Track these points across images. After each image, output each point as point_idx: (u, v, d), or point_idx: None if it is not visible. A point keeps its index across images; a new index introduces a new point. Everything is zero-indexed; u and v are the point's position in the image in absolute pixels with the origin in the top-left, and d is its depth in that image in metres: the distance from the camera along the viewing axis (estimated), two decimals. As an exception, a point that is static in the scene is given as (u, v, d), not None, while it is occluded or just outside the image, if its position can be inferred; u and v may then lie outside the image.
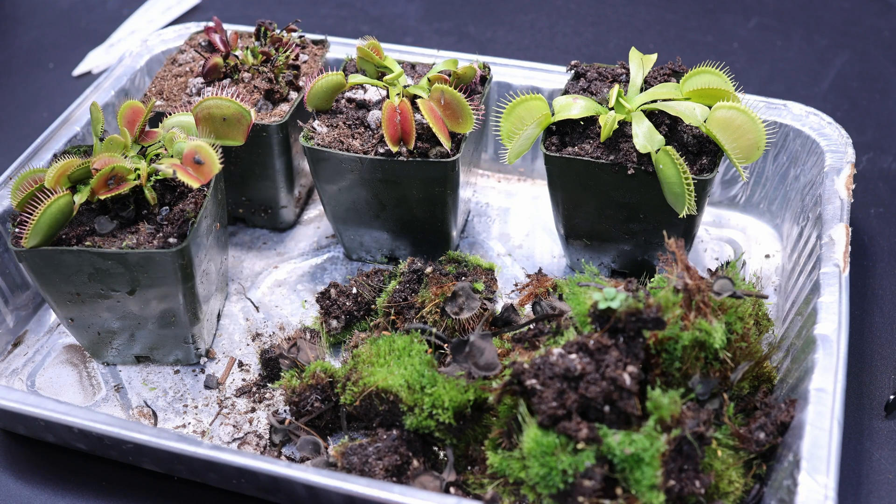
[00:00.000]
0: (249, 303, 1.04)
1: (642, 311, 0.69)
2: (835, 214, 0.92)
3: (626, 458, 0.66)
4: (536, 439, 0.67)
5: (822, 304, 0.82)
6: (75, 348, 0.99)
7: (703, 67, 0.91)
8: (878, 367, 0.94)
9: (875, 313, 0.99)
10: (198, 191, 0.90)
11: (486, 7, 1.55)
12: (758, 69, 1.38)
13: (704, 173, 0.89)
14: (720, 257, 1.06)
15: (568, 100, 0.92)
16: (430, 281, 0.91)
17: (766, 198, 1.10)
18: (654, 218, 0.92)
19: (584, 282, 0.84)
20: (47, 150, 1.05)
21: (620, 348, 0.69)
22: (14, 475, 0.87)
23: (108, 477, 0.86)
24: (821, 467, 0.69)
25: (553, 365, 0.68)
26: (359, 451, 0.77)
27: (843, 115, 1.26)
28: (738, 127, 0.87)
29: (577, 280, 0.85)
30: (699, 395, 0.74)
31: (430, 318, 0.89)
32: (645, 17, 1.51)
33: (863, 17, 1.47)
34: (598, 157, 0.90)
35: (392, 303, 0.92)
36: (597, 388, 0.67)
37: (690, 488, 0.68)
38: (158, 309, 0.89)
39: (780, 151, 1.07)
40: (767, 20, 1.48)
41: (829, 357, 0.77)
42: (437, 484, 0.75)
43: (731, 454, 0.74)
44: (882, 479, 0.84)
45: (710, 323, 0.73)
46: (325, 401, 0.85)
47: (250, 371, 0.95)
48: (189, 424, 0.90)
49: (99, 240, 0.85)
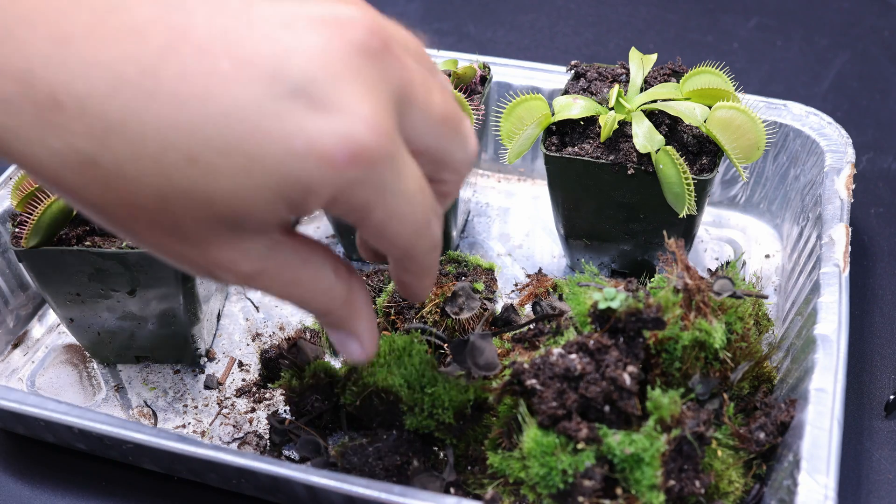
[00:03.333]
0: (249, 303, 1.04)
1: (642, 311, 0.69)
2: (835, 214, 0.91)
3: (626, 458, 0.66)
4: (536, 439, 0.67)
5: (822, 304, 0.82)
6: (75, 348, 0.99)
7: (703, 67, 0.91)
8: (879, 367, 0.94)
9: (875, 313, 0.99)
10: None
11: (486, 7, 1.55)
12: (758, 69, 1.38)
13: (704, 173, 0.89)
14: (720, 257, 1.06)
15: (568, 100, 0.92)
16: None
17: (766, 198, 1.10)
18: (654, 218, 0.92)
19: (585, 282, 0.84)
20: (47, 150, 1.05)
21: (620, 348, 0.69)
22: (14, 475, 0.87)
23: (108, 477, 0.86)
24: (821, 467, 0.69)
25: (553, 365, 0.68)
26: (359, 452, 0.77)
27: (843, 115, 1.26)
28: (738, 127, 0.87)
29: (577, 280, 0.85)
30: (699, 395, 0.74)
31: (430, 318, 0.89)
32: (645, 17, 1.51)
33: (863, 17, 1.47)
34: (598, 157, 0.90)
35: (392, 303, 0.92)
36: (597, 388, 0.67)
37: (690, 488, 0.68)
38: (158, 309, 0.89)
39: (780, 151, 1.07)
40: (767, 20, 1.48)
41: (829, 357, 0.77)
42: (437, 484, 0.75)
43: (731, 454, 0.74)
44: (882, 479, 0.84)
45: (710, 323, 0.73)
46: (325, 401, 0.85)
47: (250, 371, 0.95)
48: (189, 424, 0.90)
49: (99, 240, 0.85)
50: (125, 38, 0.46)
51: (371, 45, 0.51)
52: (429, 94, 0.55)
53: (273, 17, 0.49)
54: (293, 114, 0.48)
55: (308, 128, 0.48)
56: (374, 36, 0.51)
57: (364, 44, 0.51)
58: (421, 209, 0.55)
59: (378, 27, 0.52)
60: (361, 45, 0.50)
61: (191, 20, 0.47)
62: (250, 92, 0.47)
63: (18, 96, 0.46)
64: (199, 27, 0.47)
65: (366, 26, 0.51)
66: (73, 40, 0.46)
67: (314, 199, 0.50)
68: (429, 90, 0.56)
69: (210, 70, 0.47)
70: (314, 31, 0.49)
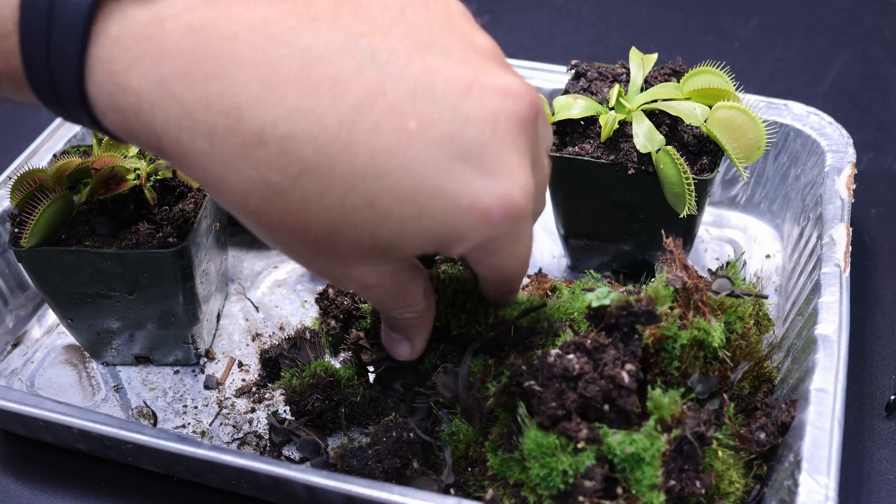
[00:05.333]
0: (249, 303, 1.03)
1: (633, 304, 0.69)
2: (835, 214, 0.91)
3: (627, 457, 0.66)
4: (536, 440, 0.67)
5: (822, 305, 0.82)
6: (75, 348, 0.99)
7: (704, 67, 0.91)
8: (879, 367, 0.94)
9: (876, 313, 0.99)
10: (197, 190, 0.90)
11: (486, 7, 1.55)
12: (758, 69, 1.38)
13: (705, 173, 0.89)
14: (720, 257, 1.06)
15: (568, 99, 0.92)
16: None
17: (766, 198, 1.10)
18: (655, 218, 0.92)
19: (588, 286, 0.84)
20: (47, 150, 1.05)
21: (618, 347, 0.69)
22: (14, 475, 0.87)
23: (108, 477, 0.86)
24: (821, 468, 0.69)
25: (551, 366, 0.68)
26: (358, 454, 0.77)
27: (843, 115, 1.26)
28: (738, 127, 0.87)
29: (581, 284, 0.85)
30: (699, 394, 0.73)
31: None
32: (645, 17, 1.51)
33: (863, 17, 1.47)
34: (598, 157, 0.90)
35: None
36: (595, 388, 0.67)
37: (691, 488, 0.68)
38: (158, 309, 0.89)
39: (780, 151, 1.07)
40: (768, 20, 1.48)
41: (829, 357, 0.77)
42: (434, 488, 0.75)
43: (731, 454, 0.74)
44: (883, 479, 0.84)
45: (708, 322, 0.73)
46: (325, 401, 0.85)
47: (250, 371, 0.95)
48: (189, 425, 0.90)
49: (98, 240, 0.85)
50: (328, 89, 0.51)
51: (530, 117, 0.58)
52: (545, 157, 0.65)
53: (455, 82, 0.55)
54: (463, 175, 0.54)
55: (475, 189, 0.55)
56: (533, 108, 0.58)
57: (526, 116, 0.57)
58: (529, 252, 0.66)
59: (536, 101, 0.59)
60: (524, 118, 0.57)
61: (385, 77, 0.53)
62: (431, 152, 0.53)
63: (224, 129, 0.51)
64: (392, 86, 0.52)
65: (528, 101, 0.58)
66: (281, 86, 0.51)
67: (462, 245, 0.58)
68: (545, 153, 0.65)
69: (399, 128, 0.52)
70: (488, 100, 0.56)
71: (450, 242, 0.57)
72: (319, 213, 0.53)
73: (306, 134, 0.51)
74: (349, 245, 0.56)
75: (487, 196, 0.55)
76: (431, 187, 0.54)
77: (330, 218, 0.54)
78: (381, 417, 0.87)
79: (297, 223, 0.54)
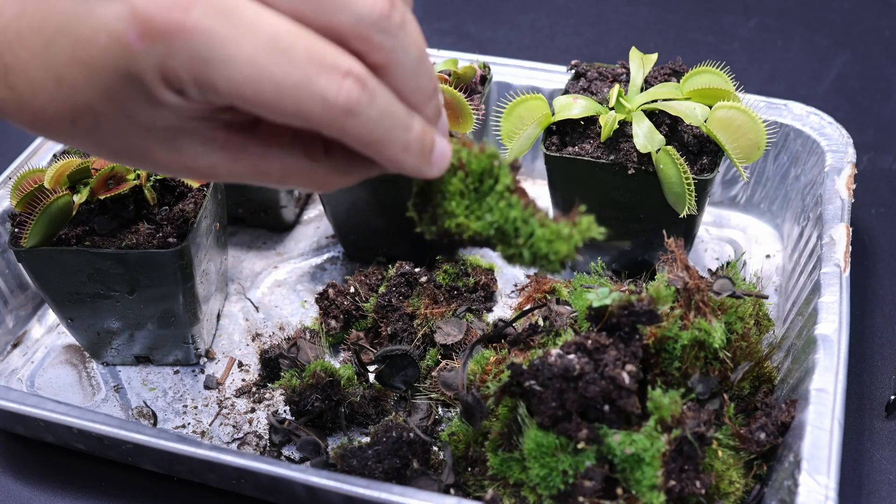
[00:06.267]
0: (249, 303, 1.03)
1: (634, 303, 0.69)
2: (835, 214, 0.91)
3: (627, 458, 0.66)
4: (536, 440, 0.67)
5: (822, 305, 0.82)
6: (75, 348, 0.99)
7: (704, 67, 0.91)
8: (879, 367, 0.94)
9: (876, 313, 0.99)
10: (197, 190, 0.90)
11: (486, 7, 1.55)
12: (758, 69, 1.38)
13: (705, 173, 0.89)
14: (720, 257, 1.06)
15: (568, 100, 0.92)
16: (424, 291, 0.92)
17: (766, 198, 1.10)
18: (655, 218, 0.92)
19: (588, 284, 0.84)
20: (47, 150, 1.05)
21: (618, 347, 0.69)
22: (14, 475, 0.87)
23: (108, 477, 0.86)
24: (821, 468, 0.69)
25: (551, 366, 0.67)
26: (358, 454, 0.77)
27: (843, 115, 1.26)
28: (738, 127, 0.87)
29: (579, 282, 0.85)
30: (699, 394, 0.73)
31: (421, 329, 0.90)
32: (645, 16, 1.51)
33: (863, 17, 1.47)
34: (598, 157, 0.90)
35: (378, 307, 0.92)
36: (596, 388, 0.67)
37: (691, 488, 0.68)
38: (158, 309, 0.89)
39: (780, 151, 1.07)
40: (768, 20, 1.48)
41: (829, 357, 0.77)
42: (435, 487, 0.75)
43: (731, 454, 0.74)
44: (883, 479, 0.84)
45: (709, 322, 0.73)
46: (325, 401, 0.85)
47: (250, 371, 0.95)
48: (189, 425, 0.90)
49: (98, 240, 0.85)
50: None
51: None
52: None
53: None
54: (95, 8, 0.48)
55: (105, 18, 0.48)
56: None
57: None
58: (280, 66, 0.48)
59: None
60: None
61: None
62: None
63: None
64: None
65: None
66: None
67: (155, 85, 0.49)
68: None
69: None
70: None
71: (137, 86, 0.49)
72: (41, 96, 0.51)
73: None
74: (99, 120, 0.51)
75: (114, 21, 0.48)
76: (80, 37, 0.49)
77: (49, 96, 0.50)
78: (381, 417, 0.87)
79: (34, 111, 0.51)
